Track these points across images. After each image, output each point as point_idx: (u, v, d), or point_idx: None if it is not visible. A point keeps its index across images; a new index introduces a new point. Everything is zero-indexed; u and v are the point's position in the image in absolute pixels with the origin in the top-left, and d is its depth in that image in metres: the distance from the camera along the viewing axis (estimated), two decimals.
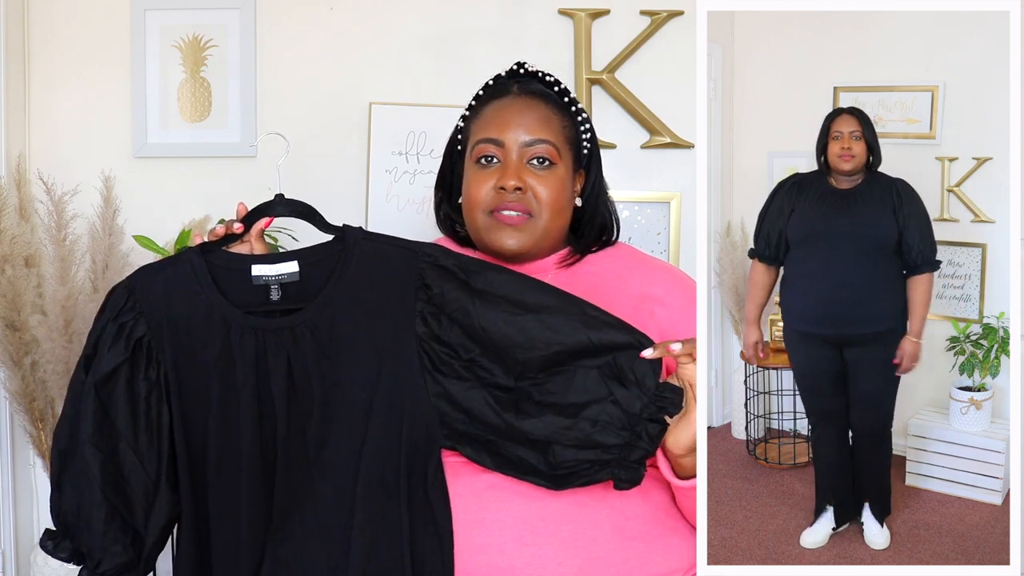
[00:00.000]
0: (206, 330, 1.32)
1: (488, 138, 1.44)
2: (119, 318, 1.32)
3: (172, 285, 1.33)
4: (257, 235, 1.40)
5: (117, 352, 1.31)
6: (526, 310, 1.31)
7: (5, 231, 2.09)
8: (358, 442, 1.31)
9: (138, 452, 1.32)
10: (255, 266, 1.34)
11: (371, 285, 1.34)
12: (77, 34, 2.38)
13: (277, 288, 1.34)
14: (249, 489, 1.31)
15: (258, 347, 1.31)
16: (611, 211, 1.55)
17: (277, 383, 1.31)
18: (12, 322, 2.07)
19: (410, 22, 2.40)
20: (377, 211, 2.35)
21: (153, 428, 1.32)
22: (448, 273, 1.34)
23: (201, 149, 2.39)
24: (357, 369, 1.32)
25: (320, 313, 1.32)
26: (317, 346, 1.32)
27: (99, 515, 1.30)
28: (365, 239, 1.37)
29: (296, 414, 1.32)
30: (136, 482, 1.32)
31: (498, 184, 1.42)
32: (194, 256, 1.34)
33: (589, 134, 1.51)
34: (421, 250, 1.36)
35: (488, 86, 1.50)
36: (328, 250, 1.37)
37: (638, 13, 2.38)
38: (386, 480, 1.31)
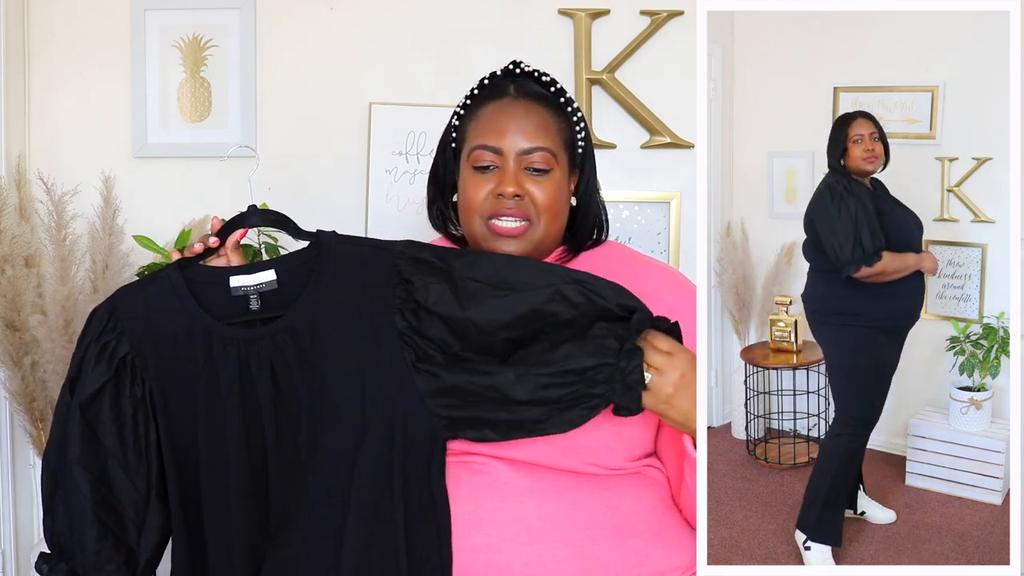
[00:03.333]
0: (189, 345, 1.33)
1: (485, 145, 1.42)
2: (101, 338, 1.33)
3: (153, 303, 1.35)
4: (233, 247, 1.42)
5: (100, 372, 1.33)
6: (512, 289, 1.31)
7: (5, 231, 2.09)
8: (351, 444, 1.31)
9: (127, 470, 1.34)
10: (233, 277, 1.36)
11: (349, 287, 1.35)
12: (77, 34, 2.38)
13: (256, 297, 1.36)
14: (239, 499, 1.32)
15: (241, 357, 1.33)
16: (602, 208, 1.54)
17: (263, 391, 1.32)
18: (12, 322, 2.07)
19: (410, 22, 2.40)
20: (377, 211, 2.35)
21: (141, 445, 1.34)
22: (427, 265, 1.34)
23: (201, 149, 2.39)
24: (341, 371, 1.33)
25: (300, 318, 1.33)
26: (299, 351, 1.33)
27: (91, 535, 1.32)
28: (339, 242, 1.38)
29: (284, 420, 1.33)
30: (127, 500, 1.34)
31: (496, 191, 1.41)
32: (172, 273, 1.36)
33: (584, 133, 1.49)
34: (396, 248, 1.37)
35: (484, 85, 1.48)
36: (303, 256, 1.38)
37: (638, 13, 2.38)
38: (379, 481, 1.31)
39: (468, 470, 1.35)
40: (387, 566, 1.30)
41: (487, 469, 1.35)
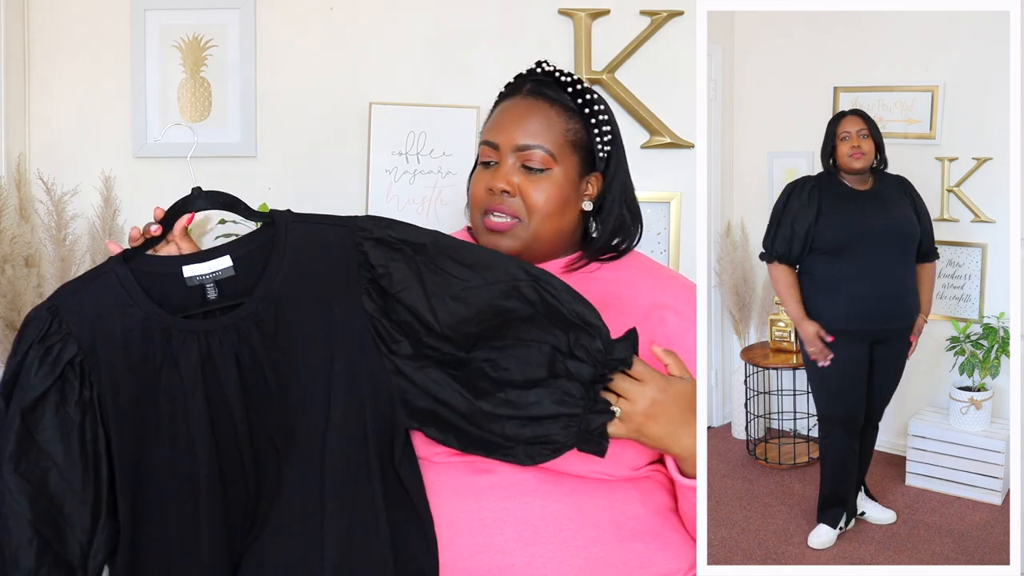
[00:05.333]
0: (144, 341, 1.27)
1: (487, 140, 1.46)
2: (45, 340, 1.25)
3: (99, 300, 1.27)
4: (181, 234, 1.36)
5: (44, 375, 1.24)
6: (468, 267, 1.30)
7: (5, 231, 2.09)
8: (321, 428, 1.28)
9: (71, 481, 1.24)
10: (186, 267, 1.30)
11: (311, 268, 1.30)
12: (77, 34, 2.38)
13: (213, 286, 1.30)
14: (209, 496, 1.27)
15: (202, 351, 1.27)
16: (634, 214, 1.52)
17: (228, 384, 1.27)
18: (12, 322, 2.07)
19: (410, 22, 2.40)
20: (377, 211, 2.35)
21: (88, 454, 1.25)
22: (388, 247, 1.31)
23: (201, 149, 2.37)
24: (310, 355, 1.29)
25: (263, 304, 1.28)
26: (265, 338, 1.28)
27: (29, 552, 1.22)
28: (296, 221, 1.32)
29: (254, 411, 1.28)
30: (70, 512, 1.24)
31: (487, 186, 1.44)
32: (117, 266, 1.29)
33: (609, 136, 1.48)
34: (355, 224, 1.32)
35: (508, 84, 1.51)
36: (259, 238, 1.32)
37: (638, 13, 2.38)
38: (353, 465, 1.28)
39: (472, 470, 1.35)
40: (370, 549, 1.27)
41: (492, 469, 1.34)
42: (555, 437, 1.28)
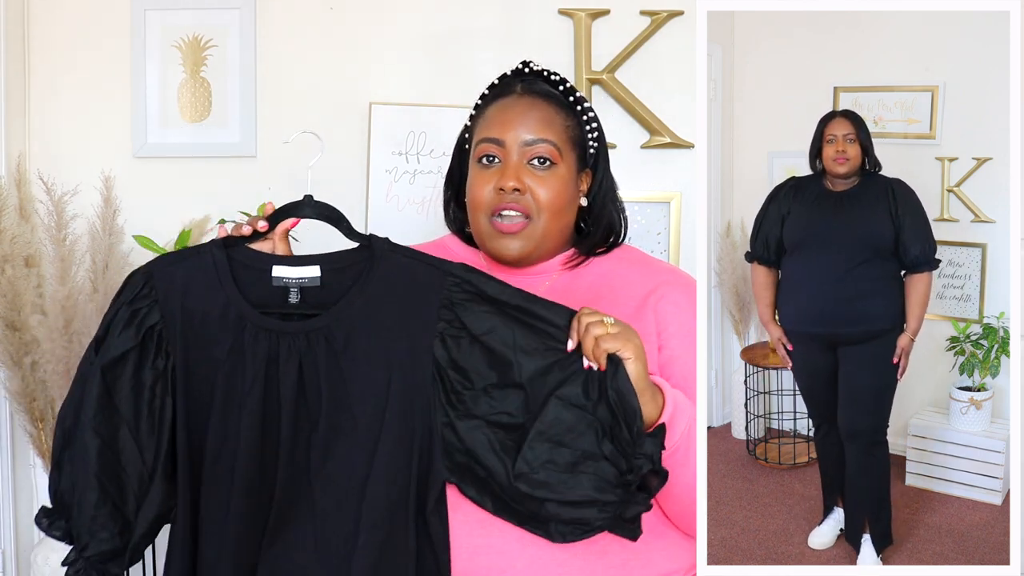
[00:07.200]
0: (220, 326, 1.30)
1: (489, 137, 1.44)
2: (134, 303, 1.30)
3: (191, 277, 1.31)
4: (281, 235, 1.38)
5: (127, 337, 1.29)
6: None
7: (5, 231, 2.09)
8: (365, 459, 1.28)
9: (138, 440, 1.30)
10: (276, 267, 1.32)
11: (393, 299, 1.31)
12: (77, 34, 2.38)
13: (296, 291, 1.32)
14: (241, 491, 1.28)
15: (271, 349, 1.29)
16: (620, 211, 1.53)
17: (287, 387, 1.28)
18: (12, 322, 2.07)
19: (410, 22, 2.40)
20: (377, 211, 2.35)
21: (155, 418, 1.31)
22: (479, 295, 1.30)
23: (201, 149, 2.39)
24: (368, 383, 1.29)
25: (338, 321, 1.30)
26: (331, 355, 1.29)
27: (90, 499, 1.29)
28: (392, 251, 1.34)
29: (303, 422, 1.29)
30: (132, 470, 1.31)
31: (497, 185, 1.42)
32: (216, 250, 1.33)
33: (596, 133, 1.50)
34: (447, 268, 1.32)
35: (493, 85, 1.50)
36: (352, 258, 1.34)
37: (638, 13, 2.38)
38: (393, 503, 1.28)
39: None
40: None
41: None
42: (591, 521, 1.27)
